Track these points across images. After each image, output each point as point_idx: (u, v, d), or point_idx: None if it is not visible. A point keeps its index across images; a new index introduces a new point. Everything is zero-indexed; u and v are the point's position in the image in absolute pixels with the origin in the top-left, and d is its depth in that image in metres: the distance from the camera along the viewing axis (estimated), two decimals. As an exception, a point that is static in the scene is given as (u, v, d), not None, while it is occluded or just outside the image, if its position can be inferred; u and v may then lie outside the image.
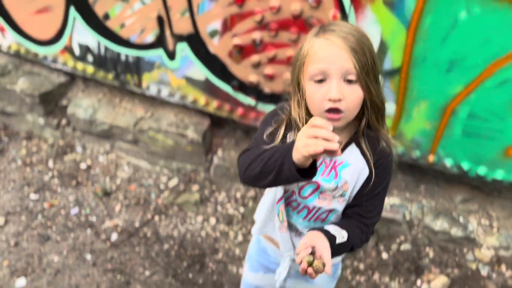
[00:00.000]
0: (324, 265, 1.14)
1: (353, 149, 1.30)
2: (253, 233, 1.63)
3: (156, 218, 2.76)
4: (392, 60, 2.26)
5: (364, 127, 1.27)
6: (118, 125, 3.05)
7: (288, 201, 1.39)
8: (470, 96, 2.22)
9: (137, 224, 2.73)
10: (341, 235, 1.24)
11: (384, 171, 1.32)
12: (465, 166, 2.42)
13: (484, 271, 2.47)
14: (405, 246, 2.59)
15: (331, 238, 1.22)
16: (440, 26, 2.10)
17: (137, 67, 2.90)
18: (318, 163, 1.30)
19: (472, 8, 2.00)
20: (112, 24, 2.78)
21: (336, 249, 1.22)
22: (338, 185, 1.31)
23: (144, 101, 3.11)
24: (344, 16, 2.21)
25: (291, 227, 1.44)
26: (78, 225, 2.72)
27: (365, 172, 1.30)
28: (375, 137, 1.29)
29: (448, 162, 2.46)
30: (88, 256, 2.56)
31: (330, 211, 1.37)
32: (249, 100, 2.68)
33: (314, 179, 1.28)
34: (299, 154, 1.05)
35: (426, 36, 2.14)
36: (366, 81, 1.15)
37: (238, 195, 2.86)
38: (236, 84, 2.65)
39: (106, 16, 2.76)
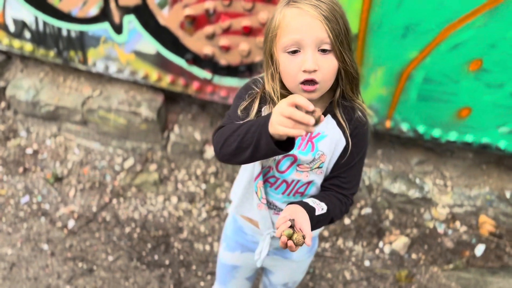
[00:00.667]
0: (304, 237, 1.13)
1: (329, 120, 1.28)
2: (230, 213, 1.59)
3: (114, 201, 2.66)
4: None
5: (339, 98, 1.26)
6: (65, 105, 2.87)
7: (265, 178, 1.36)
8: (425, 61, 2.26)
9: (94, 209, 2.61)
10: (321, 207, 1.23)
11: (360, 140, 1.31)
12: (421, 129, 2.49)
13: (440, 229, 2.58)
14: (366, 210, 2.66)
15: (310, 210, 1.21)
16: (395, -9, 2.09)
17: (81, 43, 2.71)
18: None
19: (426, -28, 2.01)
20: (50, -3, 2.56)
21: (316, 221, 1.21)
22: (315, 157, 1.29)
23: (91, 79, 2.94)
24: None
25: (269, 204, 1.41)
26: (30, 214, 2.56)
27: (342, 143, 1.29)
28: (351, 107, 1.28)
29: (404, 127, 2.51)
30: (45, 246, 2.43)
31: (309, 183, 1.35)
32: (204, 74, 2.59)
33: (291, 152, 1.26)
34: (274, 129, 1.01)
35: (382, 1, 2.13)
36: (341, 50, 1.13)
37: (199, 171, 2.79)
38: (190, 57, 2.54)
39: (43, -12, 2.53)
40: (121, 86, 2.88)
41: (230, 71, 2.56)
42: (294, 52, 1.13)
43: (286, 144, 1.06)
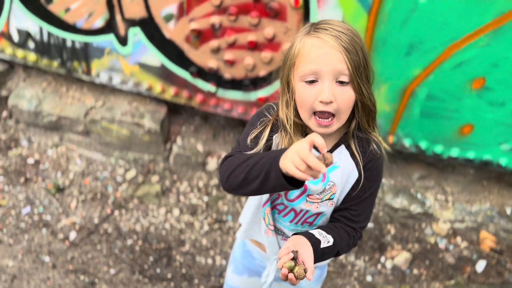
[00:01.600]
0: (305, 271, 1.11)
1: (342, 150, 1.27)
2: (238, 237, 1.58)
3: (116, 212, 2.65)
4: (354, 44, 2.25)
5: (355, 129, 1.25)
6: (67, 115, 2.86)
7: (274, 204, 1.36)
8: (429, 78, 2.28)
9: (96, 220, 2.60)
10: (326, 240, 1.21)
11: (374, 174, 1.29)
12: (423, 145, 2.51)
13: (442, 244, 2.60)
14: (368, 225, 2.67)
15: (315, 242, 1.19)
16: (400, 10, 2.11)
17: (85, 54, 2.72)
18: None
19: (431, -9, 2.03)
20: (55, 8, 2.57)
21: (321, 254, 1.20)
22: (325, 188, 1.28)
23: (94, 90, 2.94)
24: (306, 1, 2.18)
25: (277, 230, 1.41)
26: (31, 225, 2.55)
27: (355, 175, 1.27)
28: (365, 139, 1.27)
29: (407, 142, 2.53)
30: (46, 258, 2.41)
31: (318, 214, 1.34)
32: (208, 87, 2.60)
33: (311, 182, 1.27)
34: (284, 166, 1.02)
35: (387, 19, 2.16)
36: (359, 83, 1.12)
37: (201, 184, 2.80)
38: (194, 70, 2.55)
39: (48, 0, 2.54)
40: (125, 97, 2.88)
41: (235, 84, 2.57)
42: (312, 82, 1.13)
43: (296, 181, 1.05)
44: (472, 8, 2.02)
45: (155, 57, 2.58)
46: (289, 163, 0.99)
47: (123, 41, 2.58)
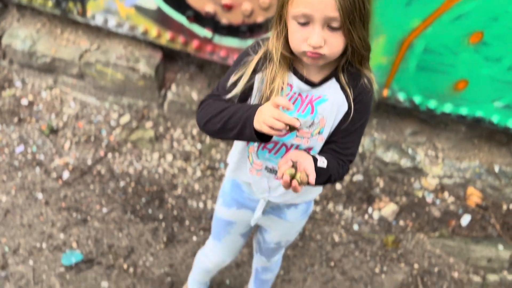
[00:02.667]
0: (307, 176, 1.13)
1: (332, 83, 1.27)
2: (227, 176, 1.60)
3: (109, 155, 2.67)
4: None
5: (345, 64, 1.24)
6: (61, 57, 2.83)
7: (263, 144, 1.37)
8: (427, 30, 2.26)
9: (89, 162, 2.62)
10: (322, 160, 1.24)
11: (363, 107, 1.29)
12: (417, 100, 2.52)
13: (429, 198, 2.65)
14: (357, 177, 2.71)
15: (313, 158, 1.22)
16: (402, -43, 2.08)
17: (81, -6, 2.66)
18: (294, 98, 1.29)
19: None
20: None
21: (317, 173, 1.21)
22: (314, 121, 1.29)
23: (89, 32, 2.89)
24: None
25: (270, 170, 1.42)
26: (25, 163, 2.57)
27: (344, 108, 1.28)
28: (356, 73, 1.26)
29: (401, 96, 2.53)
30: (40, 195, 2.45)
31: (309, 149, 1.34)
32: (205, 32, 2.57)
33: (290, 115, 1.28)
34: (259, 127, 1.12)
35: (388, -33, 2.12)
36: (350, 29, 1.10)
37: (195, 131, 2.81)
38: (191, 14, 2.52)
39: None
40: (120, 41, 2.85)
41: (231, 30, 2.54)
42: (304, 24, 1.11)
43: (267, 137, 1.17)
44: (475, -44, 1.98)
45: (152, 0, 2.54)
46: (263, 125, 1.10)
47: (119, -19, 2.53)
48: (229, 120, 1.21)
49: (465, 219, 2.59)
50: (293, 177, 1.13)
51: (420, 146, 2.74)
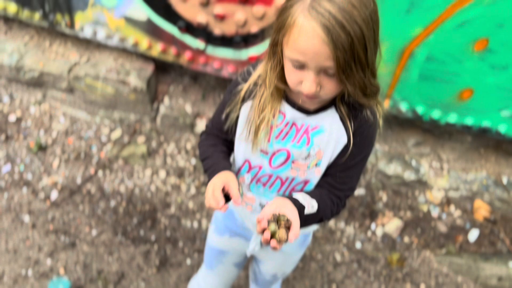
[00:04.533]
0: (287, 232, 1.03)
1: (330, 113, 1.15)
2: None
3: (100, 173, 2.56)
4: None
5: (345, 96, 1.11)
6: (50, 71, 2.73)
7: (257, 177, 1.26)
8: (429, 38, 2.15)
9: (79, 181, 2.51)
10: (311, 205, 1.13)
11: (364, 140, 1.17)
12: (420, 110, 2.40)
13: (435, 212, 2.53)
14: (359, 191, 2.59)
15: (300, 207, 1.11)
16: (402, -37, 1.97)
17: (68, 5, 2.56)
18: (288, 128, 1.19)
19: None
20: (34, -46, 2.40)
21: (304, 220, 1.11)
22: (310, 153, 1.18)
23: (78, 44, 2.80)
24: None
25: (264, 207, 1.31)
26: (11, 184, 2.46)
27: (343, 140, 1.16)
28: (359, 104, 1.13)
29: (403, 106, 2.42)
30: (26, 218, 2.34)
31: (306, 182, 1.23)
32: (197, 43, 2.47)
33: (284, 146, 1.18)
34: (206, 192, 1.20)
35: (388, -27, 2.02)
36: (347, 76, 0.98)
37: (189, 146, 2.70)
38: (182, 25, 2.41)
39: None
40: (110, 53, 2.75)
41: (225, 41, 2.44)
42: (299, 67, 1.01)
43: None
44: (479, -40, 1.87)
45: (142, 10, 2.43)
46: (206, 200, 1.16)
47: (107, -8, 2.43)
48: (205, 173, 1.29)
49: (473, 234, 2.46)
50: (273, 234, 1.02)
51: (424, 157, 2.62)
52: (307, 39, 0.94)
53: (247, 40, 2.40)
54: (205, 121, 2.75)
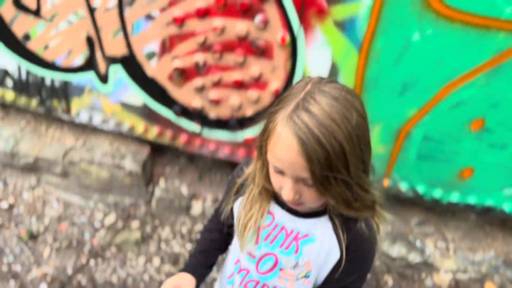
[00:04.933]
0: None
1: (322, 221, 1.08)
2: None
3: (92, 262, 2.45)
4: (344, 83, 2.13)
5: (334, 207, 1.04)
6: (45, 157, 2.71)
7: (244, 282, 1.19)
8: (425, 119, 2.15)
9: (69, 271, 2.40)
10: None
11: (360, 258, 1.07)
12: (421, 189, 2.35)
13: (444, 297, 2.40)
14: (363, 275, 2.47)
15: None
16: (392, 48, 2.01)
17: (65, 92, 2.59)
18: (277, 231, 1.14)
19: (425, 29, 1.93)
20: (34, 46, 2.46)
21: None
22: (299, 262, 1.09)
23: (74, 129, 2.80)
24: (293, 38, 2.07)
25: None
26: (-2, 277, 2.35)
27: (336, 254, 1.07)
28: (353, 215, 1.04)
29: (403, 186, 2.37)
30: (12, 315, 2.21)
31: None
32: (193, 126, 2.47)
33: (272, 250, 1.11)
34: None
35: (379, 58, 2.04)
36: (326, 189, 0.94)
37: (184, 229, 2.61)
38: (178, 110, 2.42)
39: (27, 37, 2.44)
40: (106, 137, 2.74)
41: (220, 124, 2.44)
42: (279, 172, 0.98)
43: None
44: (468, 46, 1.91)
45: (137, 96, 2.46)
46: None
47: (103, 79, 2.47)
48: None
49: (487, 320, 2.32)
50: None
51: (429, 237, 2.53)
52: (284, 148, 0.92)
53: (243, 122, 2.40)
54: (201, 202, 2.69)
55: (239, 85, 2.25)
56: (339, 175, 0.91)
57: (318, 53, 2.08)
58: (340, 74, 2.12)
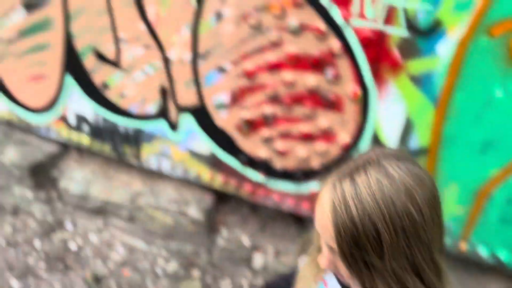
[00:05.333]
0: None
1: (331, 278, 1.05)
2: None
3: (152, 311, 2.44)
4: (419, 140, 2.04)
5: None
6: (114, 200, 2.79)
7: None
8: (508, 180, 1.99)
9: (129, 319, 2.40)
10: None
11: None
12: (503, 256, 2.15)
13: None
14: None
15: None
16: (473, 104, 1.90)
17: (136, 139, 2.68)
18: None
19: (508, 84, 1.82)
20: (111, 94, 2.59)
21: None
22: None
23: (142, 174, 2.87)
24: (365, 92, 2.02)
25: None
26: (62, 319, 2.39)
27: None
28: None
29: (483, 251, 2.19)
30: None
31: None
32: (258, 176, 2.45)
33: None
34: None
35: (458, 114, 1.95)
36: (353, 271, 0.88)
37: (245, 282, 2.54)
38: (244, 159, 2.42)
39: (105, 86, 2.57)
40: (172, 183, 2.78)
41: (286, 175, 2.40)
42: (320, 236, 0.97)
43: None
44: (559, 104, 1.77)
45: (206, 145, 2.49)
46: None
47: (174, 127, 2.53)
48: None
49: None
50: None
51: (512, 309, 2.28)
52: (320, 210, 0.91)
53: (309, 174, 2.35)
54: (262, 254, 2.62)
55: (307, 137, 2.22)
56: (368, 257, 0.84)
57: (392, 108, 2.02)
58: (415, 129, 2.03)
